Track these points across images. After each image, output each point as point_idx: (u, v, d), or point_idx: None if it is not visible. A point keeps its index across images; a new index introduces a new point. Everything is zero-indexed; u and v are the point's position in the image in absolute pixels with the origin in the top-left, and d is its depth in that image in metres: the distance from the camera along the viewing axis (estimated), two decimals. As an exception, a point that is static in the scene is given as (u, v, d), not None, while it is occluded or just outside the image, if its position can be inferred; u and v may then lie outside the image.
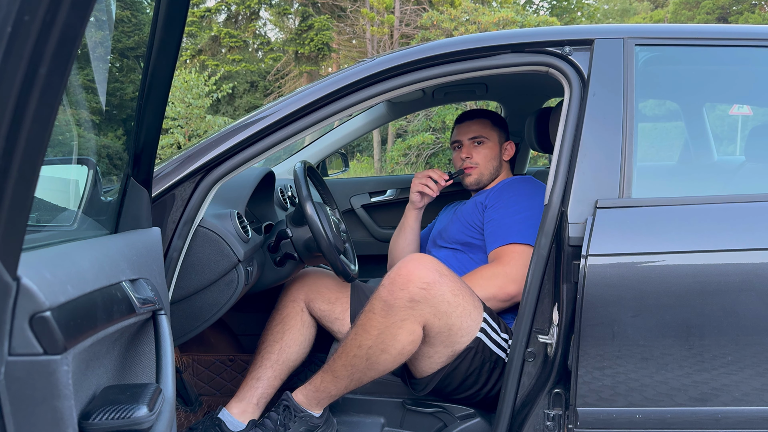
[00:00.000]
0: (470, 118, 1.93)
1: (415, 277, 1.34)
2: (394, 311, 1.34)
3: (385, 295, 1.35)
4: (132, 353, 0.97)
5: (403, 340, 1.36)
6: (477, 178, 1.90)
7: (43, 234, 0.98)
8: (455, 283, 1.41)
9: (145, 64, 0.98)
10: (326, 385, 1.45)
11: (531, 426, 1.34)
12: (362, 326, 1.39)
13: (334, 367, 1.44)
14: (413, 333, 1.36)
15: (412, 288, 1.34)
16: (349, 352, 1.40)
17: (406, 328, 1.35)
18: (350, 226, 2.69)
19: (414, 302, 1.34)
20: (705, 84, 1.73)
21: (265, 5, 21.52)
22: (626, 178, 1.29)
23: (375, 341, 1.37)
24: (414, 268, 1.36)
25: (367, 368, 1.40)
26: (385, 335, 1.36)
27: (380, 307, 1.36)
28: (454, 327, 1.40)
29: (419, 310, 1.35)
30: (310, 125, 1.38)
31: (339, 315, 1.75)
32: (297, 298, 1.75)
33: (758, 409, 1.23)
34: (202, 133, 12.63)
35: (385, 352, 1.37)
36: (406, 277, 1.35)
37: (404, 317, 1.34)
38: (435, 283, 1.35)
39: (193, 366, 2.03)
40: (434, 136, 11.31)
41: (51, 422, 0.64)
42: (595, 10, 25.48)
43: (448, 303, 1.37)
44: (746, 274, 1.19)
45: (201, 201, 1.33)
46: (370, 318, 1.37)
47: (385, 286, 1.37)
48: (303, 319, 1.73)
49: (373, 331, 1.36)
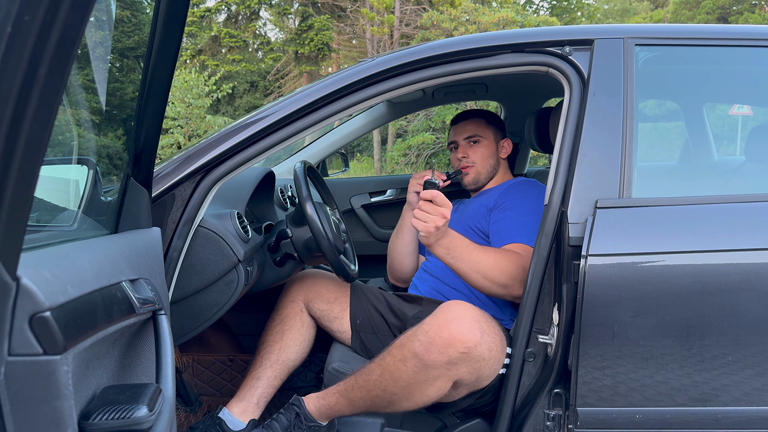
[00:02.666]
0: (465, 118, 1.94)
1: (458, 341, 1.27)
2: (428, 371, 1.29)
3: (422, 353, 1.28)
4: (132, 353, 0.97)
5: (432, 394, 1.33)
6: (474, 177, 1.90)
7: (43, 234, 0.98)
8: (492, 336, 1.34)
9: (145, 64, 0.98)
10: (341, 408, 1.44)
11: (531, 426, 1.34)
12: (390, 374, 1.34)
13: (352, 396, 1.41)
14: (442, 389, 1.33)
15: (453, 352, 1.27)
16: (372, 390, 1.37)
17: (437, 385, 1.32)
18: (350, 226, 2.69)
19: (452, 364, 1.29)
20: (705, 84, 1.73)
21: (265, 5, 21.52)
22: (626, 178, 1.29)
23: (401, 391, 1.33)
24: (458, 331, 1.27)
25: (387, 407, 1.39)
26: (413, 388, 1.32)
27: (414, 363, 1.29)
28: (483, 375, 1.36)
29: (455, 371, 1.30)
30: (310, 125, 1.38)
31: (338, 314, 1.76)
32: (296, 299, 1.76)
33: (758, 409, 1.23)
34: (202, 133, 12.64)
35: (409, 401, 1.35)
36: (447, 340, 1.27)
37: (438, 376, 1.30)
38: (477, 345, 1.29)
39: (193, 366, 2.03)
40: (434, 136, 11.31)
41: (51, 422, 0.63)
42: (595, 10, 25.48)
43: (484, 360, 1.32)
44: (746, 274, 1.19)
45: (201, 201, 1.33)
46: (399, 369, 1.32)
47: (423, 343, 1.29)
48: (302, 320, 1.74)
49: (401, 383, 1.32)
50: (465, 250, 1.48)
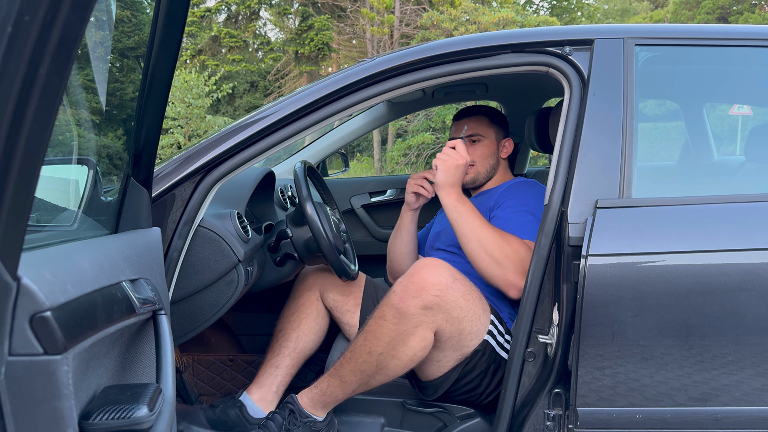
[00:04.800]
0: (467, 115, 1.93)
1: (429, 284, 1.33)
2: (406, 319, 1.33)
3: (397, 303, 1.34)
4: (132, 353, 0.97)
5: (415, 346, 1.35)
6: (473, 177, 1.89)
7: (44, 234, 0.98)
8: (466, 287, 1.40)
9: (145, 64, 0.98)
10: (333, 389, 1.45)
11: (531, 426, 1.34)
12: (372, 333, 1.37)
13: (342, 372, 1.43)
14: (425, 339, 1.36)
15: (426, 295, 1.32)
16: (358, 357, 1.39)
17: (418, 334, 1.34)
18: (350, 226, 2.69)
19: (427, 309, 1.33)
20: (705, 84, 1.73)
21: (265, 5, 21.51)
22: (626, 178, 1.29)
23: (386, 348, 1.36)
24: (427, 274, 1.34)
25: (377, 373, 1.40)
26: (396, 342, 1.35)
27: (392, 315, 1.34)
28: (465, 331, 1.40)
29: (432, 317, 1.34)
30: (310, 125, 1.38)
31: (351, 308, 1.78)
32: (312, 287, 1.79)
33: (758, 409, 1.23)
34: (202, 133, 12.63)
35: (395, 358, 1.37)
36: (419, 284, 1.33)
37: (416, 324, 1.33)
38: (448, 288, 1.34)
39: (193, 366, 2.03)
40: (434, 136, 11.31)
41: (51, 422, 0.64)
42: (595, 10, 25.48)
43: (460, 308, 1.37)
44: (746, 274, 1.19)
45: (201, 201, 1.34)
46: (381, 325, 1.36)
47: (397, 293, 1.35)
48: (318, 308, 1.77)
49: (384, 338, 1.35)
50: (472, 212, 1.54)
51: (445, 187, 1.58)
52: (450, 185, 1.58)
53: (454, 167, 1.58)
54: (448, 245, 1.82)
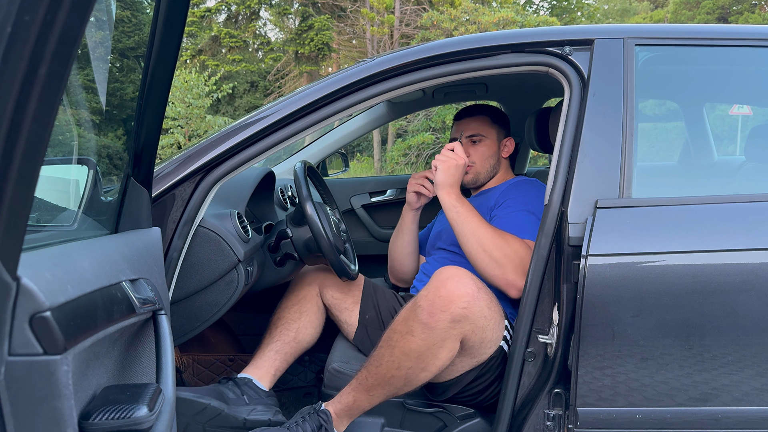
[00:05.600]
0: (469, 115, 1.92)
1: (456, 296, 1.32)
2: (435, 333, 1.32)
3: (425, 319, 1.32)
4: (132, 353, 0.97)
5: (444, 357, 1.35)
6: (473, 177, 1.89)
7: (43, 234, 0.98)
8: (488, 294, 1.40)
9: (145, 64, 0.98)
10: (360, 403, 1.44)
11: (531, 426, 1.34)
12: (400, 349, 1.35)
13: (370, 387, 1.42)
14: (453, 350, 1.36)
15: (454, 308, 1.31)
16: (386, 373, 1.38)
17: (447, 347, 1.34)
18: (350, 226, 2.69)
19: (455, 322, 1.32)
20: (705, 84, 1.73)
21: (265, 5, 21.51)
22: (626, 178, 1.29)
23: (415, 362, 1.35)
24: (453, 287, 1.33)
25: (405, 386, 1.40)
26: (426, 357, 1.34)
27: (420, 330, 1.33)
28: (486, 339, 1.40)
29: (460, 329, 1.33)
30: (310, 125, 1.38)
31: (349, 306, 1.80)
32: (312, 283, 1.80)
33: (758, 409, 1.23)
34: (202, 133, 12.63)
35: (425, 370, 1.37)
36: (446, 297, 1.32)
37: (445, 337, 1.33)
38: (474, 299, 1.33)
39: (193, 366, 2.03)
40: (434, 136, 11.31)
41: (51, 422, 0.64)
42: (595, 10, 25.47)
43: (485, 317, 1.37)
44: (746, 274, 1.19)
45: (201, 201, 1.34)
46: (409, 341, 1.34)
47: (424, 308, 1.33)
48: (318, 304, 1.78)
49: (413, 354, 1.34)
50: (471, 212, 1.55)
51: (445, 186, 1.60)
52: (449, 185, 1.60)
53: (453, 167, 1.61)
54: (449, 244, 1.82)
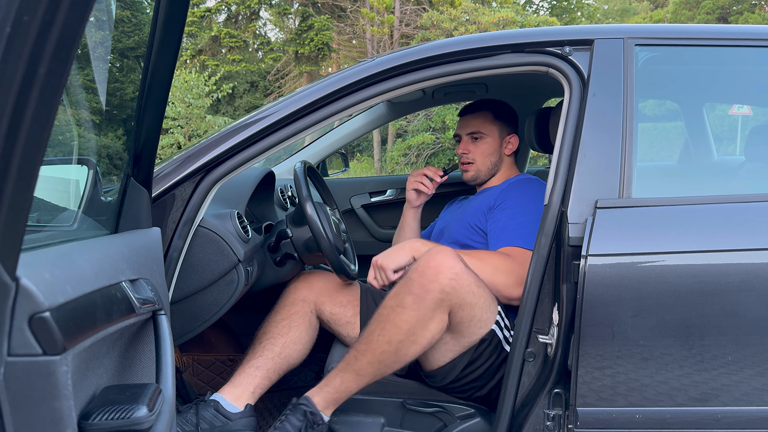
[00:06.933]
0: (471, 111, 1.91)
1: (444, 267, 1.34)
2: (425, 304, 1.34)
3: (416, 289, 1.35)
4: (132, 353, 0.97)
5: (434, 329, 1.37)
6: (474, 174, 1.89)
7: (43, 234, 0.98)
8: (476, 277, 1.42)
9: (145, 64, 0.98)
10: (347, 384, 1.43)
11: (531, 426, 1.34)
12: (391, 322, 1.37)
13: (358, 365, 1.41)
14: (443, 321, 1.38)
15: (442, 278, 1.34)
16: (377, 348, 1.39)
17: (437, 317, 1.36)
18: (350, 226, 2.69)
19: (444, 293, 1.34)
20: (705, 84, 1.73)
21: (265, 5, 21.51)
22: (626, 178, 1.29)
23: (406, 335, 1.36)
24: (442, 259, 1.36)
25: (395, 362, 1.40)
26: (416, 328, 1.36)
27: (411, 301, 1.35)
28: (475, 318, 1.42)
29: (448, 301, 1.36)
30: (310, 125, 1.38)
31: (350, 318, 1.75)
32: (307, 299, 1.73)
33: (758, 409, 1.23)
34: (202, 133, 12.63)
35: (415, 343, 1.38)
36: (435, 268, 1.34)
37: (435, 307, 1.35)
38: (463, 273, 1.36)
39: (193, 366, 2.03)
40: (434, 136, 11.30)
41: (50, 422, 0.63)
42: (595, 10, 25.47)
43: (473, 294, 1.39)
44: (746, 274, 1.19)
45: (201, 201, 1.33)
46: (399, 313, 1.36)
47: (414, 279, 1.36)
48: (310, 321, 1.72)
49: (404, 326, 1.36)
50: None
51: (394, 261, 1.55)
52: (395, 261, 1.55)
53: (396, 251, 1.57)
54: (451, 242, 1.82)
